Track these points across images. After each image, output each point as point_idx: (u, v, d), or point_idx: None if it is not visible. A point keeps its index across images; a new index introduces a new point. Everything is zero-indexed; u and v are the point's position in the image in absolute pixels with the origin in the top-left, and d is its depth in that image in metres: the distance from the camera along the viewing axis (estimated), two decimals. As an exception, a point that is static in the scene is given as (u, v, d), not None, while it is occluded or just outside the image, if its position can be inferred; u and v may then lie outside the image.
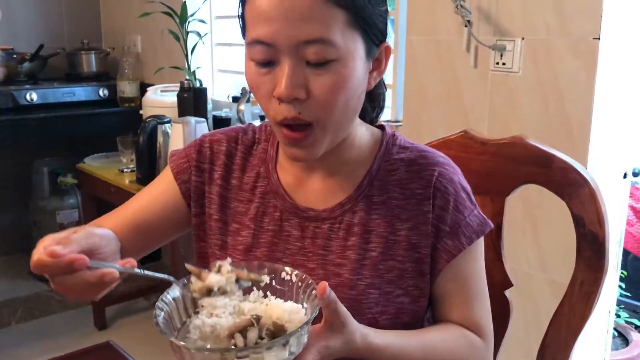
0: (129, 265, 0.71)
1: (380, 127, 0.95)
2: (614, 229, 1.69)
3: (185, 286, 0.76)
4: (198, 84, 2.65)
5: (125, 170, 2.47)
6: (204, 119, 2.32)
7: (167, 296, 0.75)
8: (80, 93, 3.17)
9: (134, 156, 2.43)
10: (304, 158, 0.84)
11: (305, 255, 0.89)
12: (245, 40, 0.80)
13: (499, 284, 1.06)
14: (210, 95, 2.90)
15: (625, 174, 1.74)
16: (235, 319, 0.72)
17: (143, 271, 0.75)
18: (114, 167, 2.53)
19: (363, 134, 0.91)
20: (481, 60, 1.78)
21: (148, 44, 3.37)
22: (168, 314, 0.73)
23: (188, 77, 2.62)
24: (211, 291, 0.74)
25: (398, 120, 2.12)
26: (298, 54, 0.76)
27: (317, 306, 0.70)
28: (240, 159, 0.96)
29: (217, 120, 2.56)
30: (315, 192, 0.91)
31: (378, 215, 0.88)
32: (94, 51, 3.37)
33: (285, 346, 0.66)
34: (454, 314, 0.90)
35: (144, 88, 3.05)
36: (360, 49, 0.79)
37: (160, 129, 2.29)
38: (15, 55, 3.13)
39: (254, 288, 0.78)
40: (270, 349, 0.66)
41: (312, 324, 0.72)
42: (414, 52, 1.96)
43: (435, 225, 0.87)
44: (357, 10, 0.77)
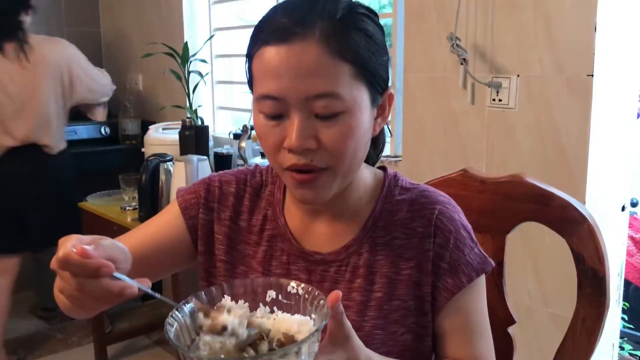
0: (146, 284, 0.71)
1: (382, 168, 0.97)
2: (614, 262, 1.71)
3: (192, 316, 0.75)
4: (199, 122, 2.68)
5: (128, 208, 2.48)
6: (205, 157, 2.34)
7: (177, 313, 0.74)
8: (82, 131, 3.20)
9: (136, 194, 2.44)
10: (313, 200, 0.85)
11: None
12: (254, 94, 0.83)
13: (502, 321, 1.07)
14: (212, 132, 2.94)
15: (623, 207, 1.75)
16: (249, 333, 0.72)
17: (157, 294, 0.75)
18: (116, 205, 2.54)
19: (366, 176, 0.93)
20: (478, 97, 1.81)
21: (149, 82, 3.42)
22: (178, 329, 0.73)
23: (189, 115, 2.65)
24: (224, 329, 0.73)
25: (397, 156, 2.15)
26: (307, 107, 0.78)
27: (327, 314, 0.69)
28: (248, 201, 0.97)
29: (219, 157, 2.58)
30: (321, 236, 0.92)
31: (382, 256, 0.89)
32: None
33: (298, 354, 0.66)
34: (456, 352, 0.90)
35: (145, 126, 3.09)
36: (365, 99, 0.82)
37: (162, 167, 2.31)
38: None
39: (260, 304, 0.78)
40: (283, 357, 0.65)
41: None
42: (412, 89, 2.00)
43: (436, 263, 0.88)
44: (362, 63, 0.80)
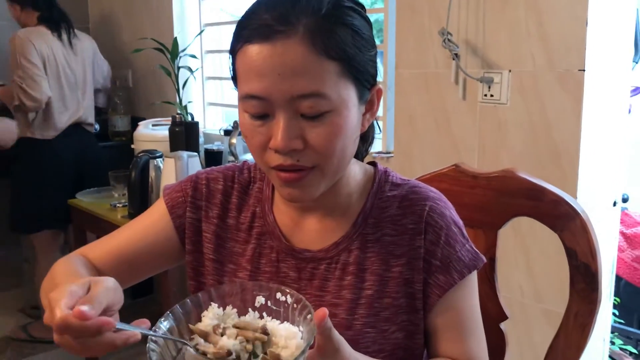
0: (144, 325, 0.70)
1: (373, 164, 0.96)
2: (606, 258, 1.71)
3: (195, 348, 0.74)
4: (190, 118, 2.66)
5: (117, 205, 2.46)
6: (196, 153, 2.32)
7: (159, 331, 0.73)
8: (72, 128, 3.17)
9: (126, 191, 2.42)
10: (300, 198, 0.83)
11: None
12: (239, 93, 0.81)
13: (493, 316, 1.06)
14: (202, 129, 2.92)
15: (615, 202, 1.75)
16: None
17: (162, 334, 0.73)
18: (106, 203, 2.52)
19: (356, 172, 0.92)
20: (470, 92, 1.81)
21: (139, 78, 3.39)
22: (161, 348, 0.72)
23: (179, 111, 2.63)
24: (229, 355, 0.72)
25: (389, 152, 2.14)
26: (292, 107, 0.76)
27: (313, 333, 0.69)
28: (236, 198, 0.96)
29: (209, 154, 2.56)
30: (311, 233, 0.91)
31: (373, 253, 0.88)
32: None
33: None
34: (448, 349, 0.89)
35: (135, 122, 3.06)
36: (353, 96, 0.80)
37: (152, 163, 2.30)
38: (6, 92, 3.15)
39: (249, 309, 0.77)
40: None
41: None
42: (403, 85, 1.99)
43: (427, 260, 0.87)
44: (349, 60, 0.77)
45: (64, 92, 2.86)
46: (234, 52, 0.81)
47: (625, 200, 2.70)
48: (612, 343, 2.37)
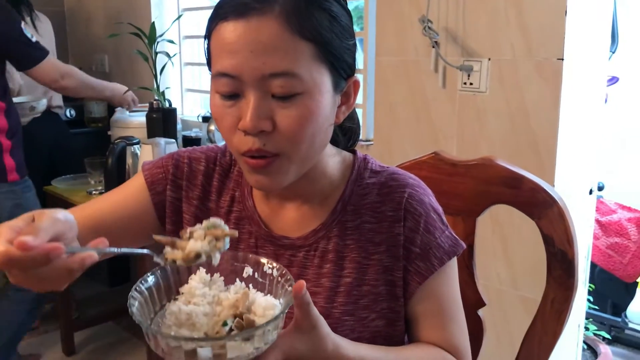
0: (102, 245, 0.67)
1: (352, 151, 0.95)
2: (582, 245, 1.73)
3: (164, 258, 0.75)
4: (167, 104, 2.63)
5: (94, 192, 2.43)
6: (173, 140, 2.30)
7: (141, 286, 0.74)
8: (47, 113, 3.12)
9: (102, 178, 2.39)
10: (268, 186, 0.82)
11: None
12: (211, 72, 0.80)
13: (472, 303, 1.07)
14: (180, 115, 2.89)
15: (591, 190, 1.78)
16: (214, 308, 0.72)
17: (119, 249, 0.72)
18: (82, 189, 2.48)
19: (335, 160, 0.91)
20: (449, 80, 1.81)
21: (115, 63, 3.34)
22: (143, 302, 0.73)
23: (157, 98, 2.60)
24: (198, 257, 0.72)
25: (369, 139, 2.14)
26: (263, 86, 0.75)
27: (289, 304, 0.70)
28: (217, 182, 0.94)
29: (187, 140, 2.54)
30: (290, 220, 0.90)
31: (352, 241, 0.88)
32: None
33: (249, 340, 0.66)
34: (429, 336, 0.89)
35: (111, 108, 3.02)
36: (327, 82, 0.79)
37: (129, 150, 2.27)
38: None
39: (237, 279, 0.78)
40: (233, 342, 0.66)
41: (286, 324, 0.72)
42: (383, 72, 1.99)
43: (406, 247, 0.86)
44: (324, 44, 0.77)
45: None
46: (209, 33, 0.79)
47: (600, 188, 2.74)
48: (587, 329, 2.42)
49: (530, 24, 1.61)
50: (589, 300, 2.45)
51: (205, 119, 2.52)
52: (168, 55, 2.70)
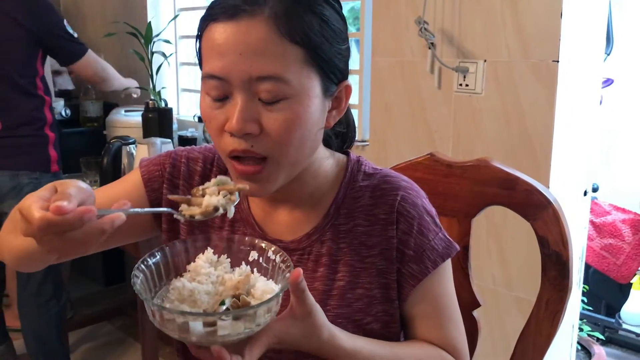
0: (125, 206, 0.69)
1: (345, 153, 0.95)
2: (576, 246, 1.74)
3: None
4: (163, 104, 2.63)
5: (89, 191, 2.42)
6: (169, 140, 2.30)
7: (149, 260, 0.77)
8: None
9: (97, 177, 2.38)
10: (255, 193, 0.82)
11: None
12: (201, 74, 0.80)
13: (467, 304, 1.07)
14: (176, 115, 2.88)
15: (585, 192, 1.78)
16: (217, 288, 0.74)
17: (142, 210, 0.77)
18: (77, 189, 2.48)
19: (328, 162, 0.90)
20: (445, 82, 1.81)
21: (111, 63, 3.32)
22: (148, 275, 0.76)
23: (153, 97, 2.60)
24: (216, 210, 0.75)
25: (365, 140, 2.14)
26: (251, 89, 0.75)
27: (284, 289, 0.71)
28: None
29: (183, 140, 2.54)
30: (283, 224, 0.90)
31: (345, 244, 0.87)
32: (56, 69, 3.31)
33: (239, 320, 0.68)
34: (427, 336, 0.89)
35: (107, 107, 3.01)
36: (316, 87, 0.78)
37: (124, 150, 2.26)
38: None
39: (243, 263, 0.79)
40: (224, 320, 0.67)
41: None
42: (379, 73, 1.99)
43: (400, 250, 0.86)
44: (314, 48, 0.76)
45: None
46: (200, 34, 0.80)
47: (595, 190, 2.75)
48: (581, 329, 2.43)
49: (525, 26, 1.61)
50: (583, 301, 2.46)
51: (201, 119, 2.52)
52: (164, 55, 2.69)
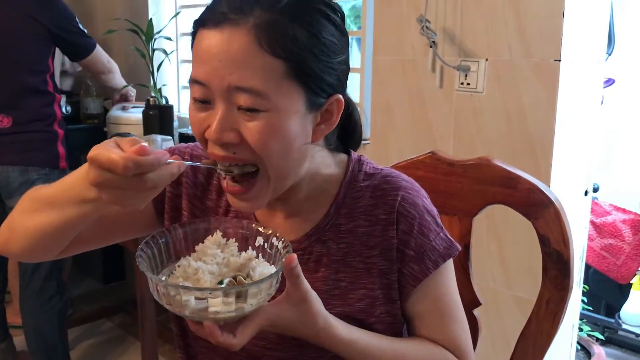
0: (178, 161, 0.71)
1: (346, 152, 0.94)
2: (576, 246, 1.73)
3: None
4: (164, 101, 2.62)
5: (89, 188, 2.42)
6: (170, 137, 2.30)
7: (158, 237, 0.81)
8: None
9: (98, 174, 2.38)
10: (246, 209, 0.83)
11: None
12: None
13: (467, 303, 1.07)
14: (176, 112, 2.88)
15: (586, 191, 1.78)
16: (221, 269, 0.76)
17: (192, 163, 0.82)
18: (77, 186, 2.48)
19: (328, 163, 0.90)
20: (446, 80, 1.81)
21: (112, 59, 3.32)
22: (155, 251, 0.79)
23: (153, 94, 2.59)
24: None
25: (365, 139, 2.14)
26: (230, 97, 0.75)
27: (277, 271, 0.73)
28: (217, 181, 0.94)
29: (184, 138, 2.53)
30: (283, 223, 0.90)
31: (346, 244, 0.87)
32: (56, 67, 3.31)
33: (228, 297, 0.69)
34: (429, 336, 0.89)
35: (108, 105, 3.00)
36: (297, 102, 0.76)
37: (125, 147, 2.26)
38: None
39: (250, 248, 0.81)
40: (214, 297, 0.69)
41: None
42: (381, 72, 1.98)
43: (400, 250, 0.86)
44: (298, 62, 0.74)
45: None
46: (193, 35, 0.79)
47: (595, 190, 2.75)
48: (580, 329, 2.43)
49: (527, 25, 1.61)
50: (583, 301, 2.46)
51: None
52: (165, 52, 2.69)
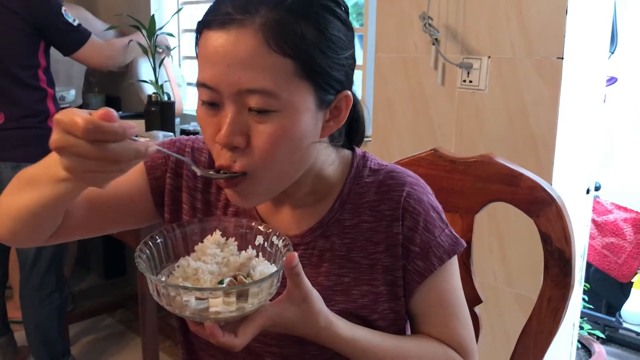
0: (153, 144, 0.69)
1: (350, 148, 0.93)
2: (578, 244, 1.73)
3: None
4: (165, 98, 2.62)
5: (91, 184, 2.42)
6: (171, 134, 2.30)
7: (157, 237, 0.79)
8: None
9: (99, 170, 2.38)
10: (241, 204, 0.82)
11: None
12: (197, 80, 0.79)
13: (469, 300, 1.06)
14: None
15: (588, 190, 1.78)
16: (221, 268, 0.75)
17: (169, 152, 0.81)
18: (79, 181, 2.48)
19: (332, 161, 0.89)
20: (448, 78, 1.81)
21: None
22: (155, 251, 0.78)
23: (155, 91, 2.59)
24: None
25: (367, 136, 2.14)
26: (240, 100, 0.74)
27: (279, 270, 0.72)
28: None
29: (186, 134, 2.53)
30: (287, 218, 0.90)
31: (350, 240, 0.87)
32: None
33: (229, 297, 0.69)
34: (432, 333, 0.89)
35: (109, 101, 3.00)
36: (308, 100, 0.76)
37: (127, 143, 2.26)
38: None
39: (249, 247, 0.80)
40: (215, 297, 0.69)
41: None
42: (383, 69, 1.98)
43: (405, 246, 0.86)
44: (307, 60, 0.74)
45: None
46: (198, 36, 0.79)
47: (597, 188, 2.75)
48: (581, 328, 2.43)
49: (530, 23, 1.60)
50: (583, 299, 2.46)
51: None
52: (167, 48, 2.69)
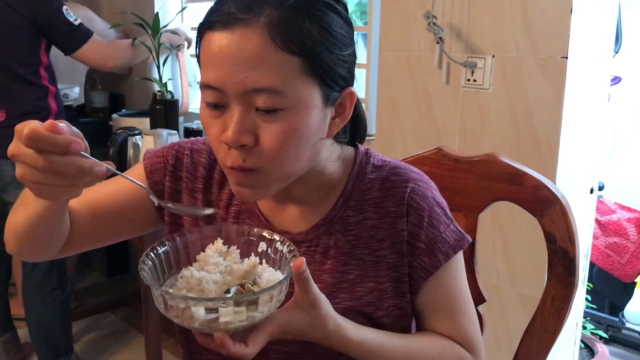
0: (110, 165, 0.69)
1: (354, 145, 0.94)
2: (582, 244, 1.73)
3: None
4: (169, 96, 2.62)
5: (94, 182, 2.43)
6: (175, 131, 2.30)
7: (158, 248, 0.79)
8: (48, 103, 3.10)
9: (103, 168, 2.39)
10: (249, 197, 0.81)
11: None
12: (200, 82, 0.79)
13: (472, 299, 1.07)
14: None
15: (592, 189, 1.77)
16: (225, 277, 0.75)
17: (122, 173, 0.78)
18: (83, 179, 2.48)
19: (335, 158, 0.89)
20: (452, 77, 1.81)
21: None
22: (157, 263, 0.78)
23: (159, 89, 2.59)
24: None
25: (371, 134, 2.13)
26: (247, 100, 0.74)
27: (287, 277, 0.72)
28: (218, 174, 0.94)
29: (189, 132, 2.53)
30: (290, 216, 0.90)
31: (354, 237, 0.87)
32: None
33: (239, 306, 0.69)
34: (439, 329, 0.89)
35: (113, 98, 3.01)
36: (315, 97, 0.76)
37: (130, 141, 2.26)
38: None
39: (252, 254, 0.80)
40: (225, 306, 0.68)
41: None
42: (387, 67, 1.98)
43: (410, 242, 0.86)
44: (313, 57, 0.74)
45: None
46: (199, 41, 0.78)
47: (601, 188, 2.74)
48: (584, 328, 2.42)
49: (535, 22, 1.60)
50: (586, 299, 2.45)
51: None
52: (171, 46, 2.69)
